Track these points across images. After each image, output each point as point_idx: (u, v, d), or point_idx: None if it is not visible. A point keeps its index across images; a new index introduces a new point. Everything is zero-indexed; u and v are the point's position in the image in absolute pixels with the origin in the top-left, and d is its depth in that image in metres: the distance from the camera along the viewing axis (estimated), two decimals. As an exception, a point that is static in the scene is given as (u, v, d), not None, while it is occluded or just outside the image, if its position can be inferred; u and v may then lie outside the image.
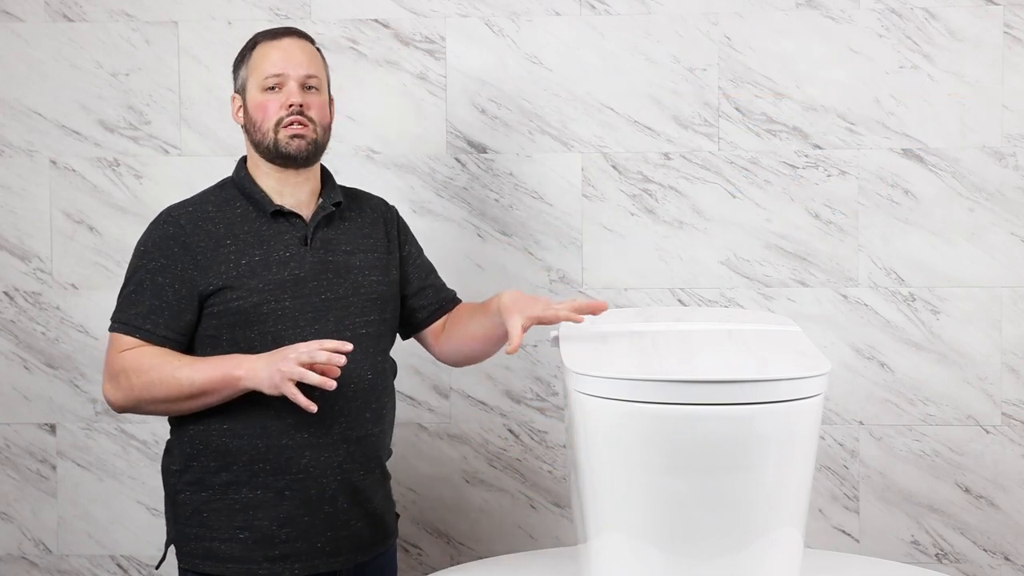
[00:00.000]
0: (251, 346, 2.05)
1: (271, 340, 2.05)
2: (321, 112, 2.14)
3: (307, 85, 2.12)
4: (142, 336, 2.05)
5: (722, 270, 2.76)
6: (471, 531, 2.83)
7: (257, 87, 2.12)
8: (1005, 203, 2.71)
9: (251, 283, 2.06)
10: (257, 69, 2.12)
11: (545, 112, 2.77)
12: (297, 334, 2.07)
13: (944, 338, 2.73)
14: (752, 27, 2.74)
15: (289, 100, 2.09)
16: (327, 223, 2.16)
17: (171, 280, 2.06)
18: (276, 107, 2.10)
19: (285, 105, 2.09)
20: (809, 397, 1.69)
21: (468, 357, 2.27)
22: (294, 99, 2.09)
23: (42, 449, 2.86)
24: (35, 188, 2.83)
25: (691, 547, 1.72)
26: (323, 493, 2.08)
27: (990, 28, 2.70)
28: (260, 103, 2.11)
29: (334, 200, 2.17)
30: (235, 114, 2.18)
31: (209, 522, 2.09)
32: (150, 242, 2.11)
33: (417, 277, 2.27)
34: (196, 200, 2.16)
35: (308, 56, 2.14)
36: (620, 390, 1.68)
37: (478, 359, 2.27)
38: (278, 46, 2.13)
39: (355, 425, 2.10)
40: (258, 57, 2.13)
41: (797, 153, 2.74)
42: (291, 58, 2.12)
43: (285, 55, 2.12)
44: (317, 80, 2.14)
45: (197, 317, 2.08)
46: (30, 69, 2.83)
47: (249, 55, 2.15)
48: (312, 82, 2.13)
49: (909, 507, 2.75)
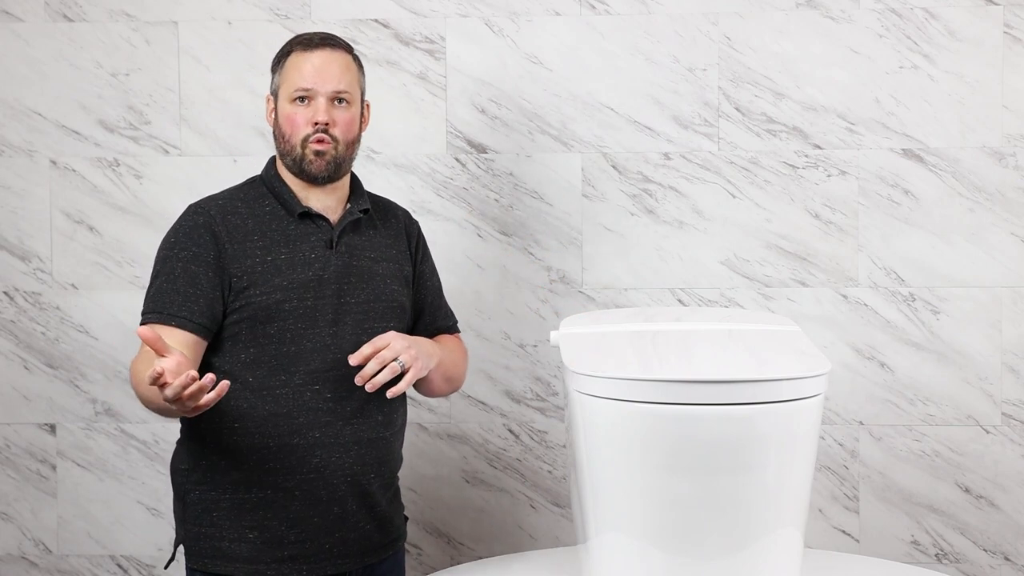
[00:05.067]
0: (270, 342, 2.06)
1: (289, 338, 2.06)
2: (347, 128, 2.12)
3: (339, 99, 2.12)
4: (178, 324, 2.03)
5: (722, 270, 2.76)
6: (471, 531, 2.83)
7: (287, 98, 2.12)
8: (1005, 203, 2.71)
9: (275, 280, 2.07)
10: (288, 80, 2.12)
11: (545, 112, 2.77)
12: (315, 334, 2.08)
13: (944, 338, 2.73)
14: (752, 27, 2.74)
15: (316, 117, 2.09)
16: (353, 229, 2.16)
17: (204, 268, 2.06)
18: (303, 122, 2.10)
19: (311, 122, 2.09)
20: (809, 397, 1.70)
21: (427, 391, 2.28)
22: (320, 117, 2.09)
23: (42, 449, 2.86)
24: (35, 188, 2.83)
25: (691, 547, 1.72)
26: (333, 494, 2.08)
27: (990, 28, 2.70)
28: (289, 115, 2.11)
29: (361, 207, 2.17)
30: (267, 115, 2.18)
31: (218, 521, 2.09)
32: (181, 232, 2.10)
33: (420, 299, 2.27)
34: (225, 195, 2.16)
35: (340, 69, 2.13)
36: (620, 390, 1.68)
37: (431, 394, 2.29)
38: (310, 59, 2.11)
39: (366, 427, 2.11)
40: (290, 67, 2.13)
41: (797, 153, 2.74)
42: (321, 72, 2.10)
43: (316, 69, 2.11)
44: (348, 94, 2.13)
45: (224, 308, 2.08)
46: (30, 69, 2.83)
47: (283, 62, 2.15)
48: (344, 96, 2.12)
49: (909, 507, 2.75)
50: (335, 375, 2.07)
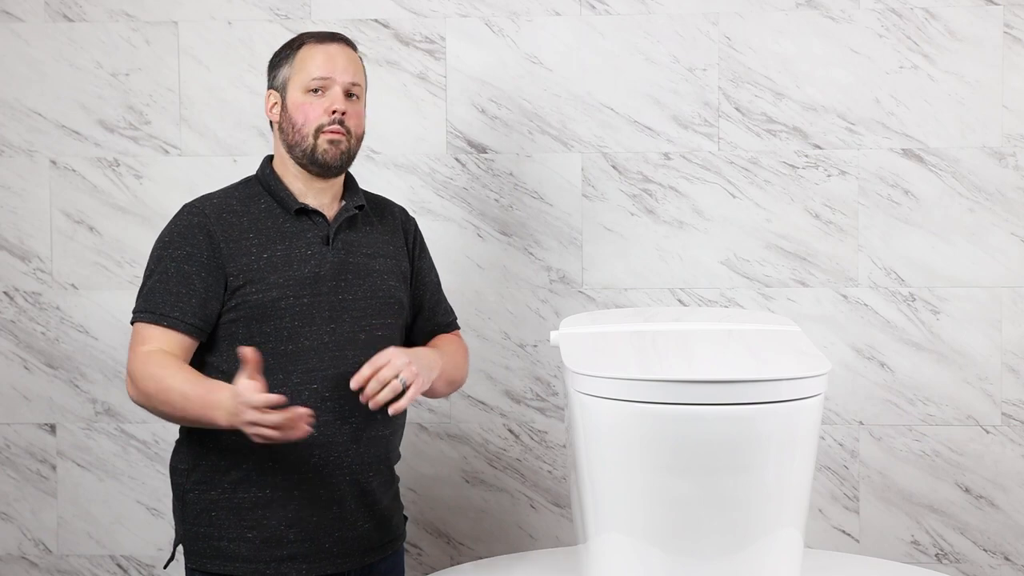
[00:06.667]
0: (267, 341, 2.05)
1: (287, 336, 2.06)
2: (358, 122, 2.14)
3: (350, 92, 2.13)
4: (169, 324, 2.03)
5: (722, 270, 2.76)
6: (471, 531, 2.83)
7: (300, 88, 2.11)
8: (1005, 203, 2.71)
9: (271, 278, 2.06)
10: (302, 70, 2.12)
11: (545, 112, 2.77)
12: (313, 331, 2.07)
13: (944, 338, 2.73)
14: (752, 27, 2.74)
15: (333, 106, 2.09)
16: (349, 225, 2.16)
17: (198, 268, 2.06)
18: (319, 111, 2.09)
19: (328, 111, 2.09)
20: (809, 397, 1.70)
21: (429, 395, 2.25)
22: (338, 105, 2.09)
23: (42, 449, 2.86)
24: (35, 188, 2.83)
25: (691, 547, 1.72)
26: (332, 494, 2.08)
27: (990, 28, 2.70)
28: (301, 104, 2.10)
29: (357, 203, 2.17)
30: (268, 110, 2.17)
31: (217, 521, 2.09)
32: (175, 232, 2.10)
33: (419, 295, 2.27)
34: (220, 194, 2.16)
35: (354, 64, 2.15)
36: (620, 390, 1.68)
37: (434, 396, 2.27)
38: (325, 50, 2.12)
39: (366, 426, 2.10)
40: (304, 57, 2.13)
41: (797, 153, 2.74)
42: (338, 63, 2.12)
43: (332, 59, 2.11)
44: (359, 89, 2.14)
45: (220, 308, 2.08)
46: (30, 69, 2.83)
47: (294, 54, 2.14)
48: (355, 90, 2.13)
49: (909, 507, 2.75)
50: (333, 373, 2.07)
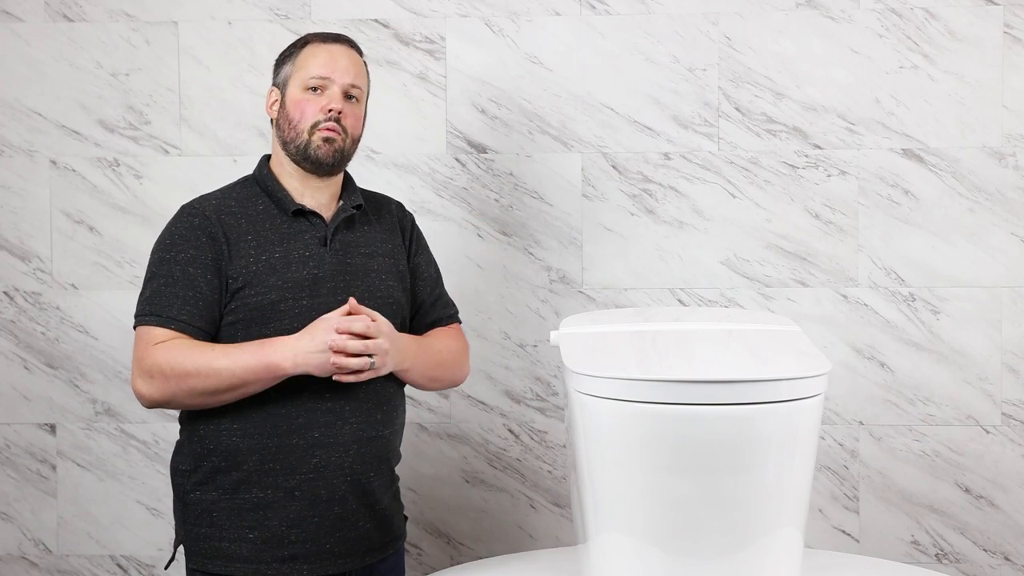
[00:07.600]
0: None
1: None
2: (355, 123, 2.15)
3: (349, 94, 2.14)
4: (177, 327, 2.03)
5: (722, 270, 2.76)
6: (471, 531, 2.83)
7: (300, 85, 2.12)
8: (1005, 203, 2.71)
9: (270, 280, 2.06)
10: (303, 68, 2.13)
11: (545, 112, 2.77)
12: None
13: (944, 338, 2.73)
14: (752, 27, 2.74)
15: (329, 104, 2.10)
16: (347, 226, 2.16)
17: (203, 271, 2.06)
18: (315, 109, 2.11)
19: (324, 109, 2.10)
20: (809, 397, 1.69)
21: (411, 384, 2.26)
22: (335, 104, 2.10)
23: (42, 449, 2.86)
24: (35, 188, 2.83)
25: (691, 547, 1.72)
26: (333, 494, 2.08)
27: (990, 28, 2.70)
28: (299, 101, 2.12)
29: (355, 203, 2.17)
30: (269, 107, 2.18)
31: (218, 522, 2.08)
32: (176, 234, 2.10)
33: (418, 290, 2.27)
34: (218, 194, 2.16)
35: (356, 66, 2.16)
36: (620, 390, 1.68)
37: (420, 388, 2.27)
38: (328, 50, 2.14)
39: (366, 426, 2.10)
40: (307, 55, 2.14)
41: (797, 153, 2.74)
42: (339, 64, 2.13)
43: (334, 60, 2.13)
44: (359, 91, 2.15)
45: (222, 310, 2.08)
46: (30, 69, 2.83)
47: (297, 52, 2.16)
48: (354, 92, 2.14)
49: (909, 507, 2.75)
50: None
